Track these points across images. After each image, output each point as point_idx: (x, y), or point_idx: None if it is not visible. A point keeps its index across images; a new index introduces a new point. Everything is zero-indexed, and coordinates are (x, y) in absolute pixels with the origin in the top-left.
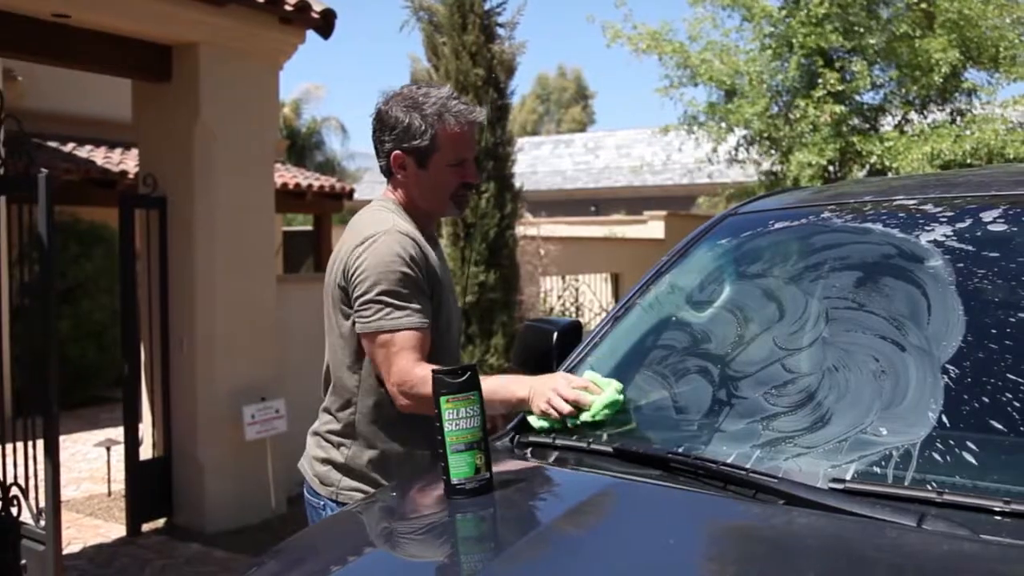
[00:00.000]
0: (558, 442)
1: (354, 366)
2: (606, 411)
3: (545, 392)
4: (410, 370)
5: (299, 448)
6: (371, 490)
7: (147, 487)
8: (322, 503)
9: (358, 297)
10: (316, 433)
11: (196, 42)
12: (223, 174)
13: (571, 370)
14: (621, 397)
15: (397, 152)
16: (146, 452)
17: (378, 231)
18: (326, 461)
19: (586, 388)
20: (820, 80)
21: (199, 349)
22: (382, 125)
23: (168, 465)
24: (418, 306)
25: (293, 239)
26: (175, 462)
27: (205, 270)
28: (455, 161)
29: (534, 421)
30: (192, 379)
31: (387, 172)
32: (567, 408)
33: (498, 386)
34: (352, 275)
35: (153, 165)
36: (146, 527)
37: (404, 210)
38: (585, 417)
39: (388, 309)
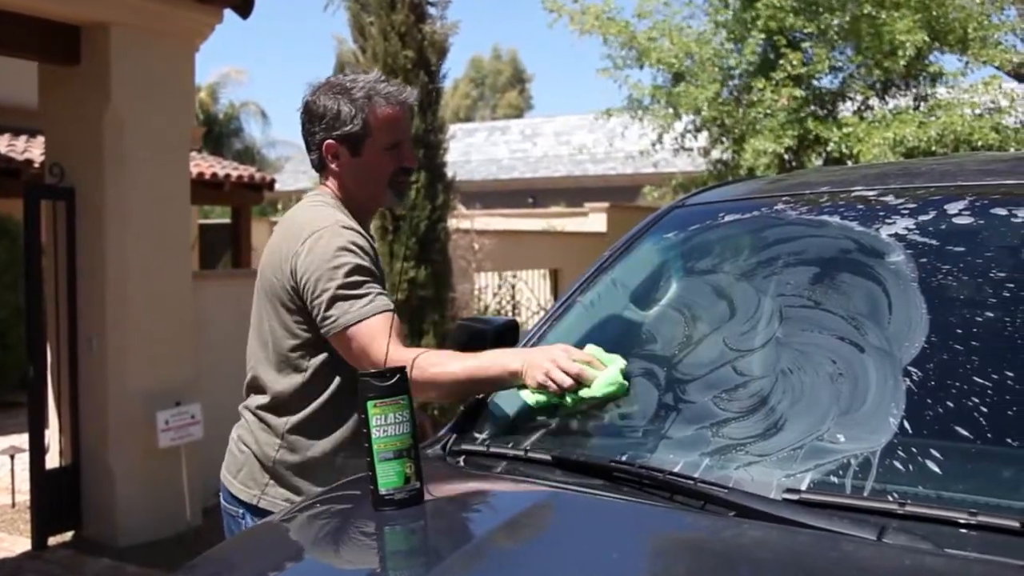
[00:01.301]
0: (493, 450)
1: (285, 368)
2: (610, 389)
3: (542, 363)
4: (397, 356)
5: (216, 456)
6: (296, 497)
7: (54, 498)
8: (240, 512)
9: (316, 298)
10: (240, 436)
11: (106, 22)
12: (135, 163)
13: None
14: (624, 380)
15: (329, 141)
16: (53, 460)
17: (322, 227)
18: (250, 464)
19: (588, 363)
20: (781, 61)
21: (110, 350)
22: (311, 116)
23: (77, 474)
24: (380, 290)
25: (210, 233)
26: (84, 471)
27: (116, 265)
28: (389, 144)
29: (528, 396)
30: (103, 382)
31: (320, 166)
32: (568, 381)
33: (488, 361)
34: (303, 277)
35: (60, 153)
36: (53, 540)
37: (342, 203)
38: (586, 394)
39: (351, 302)
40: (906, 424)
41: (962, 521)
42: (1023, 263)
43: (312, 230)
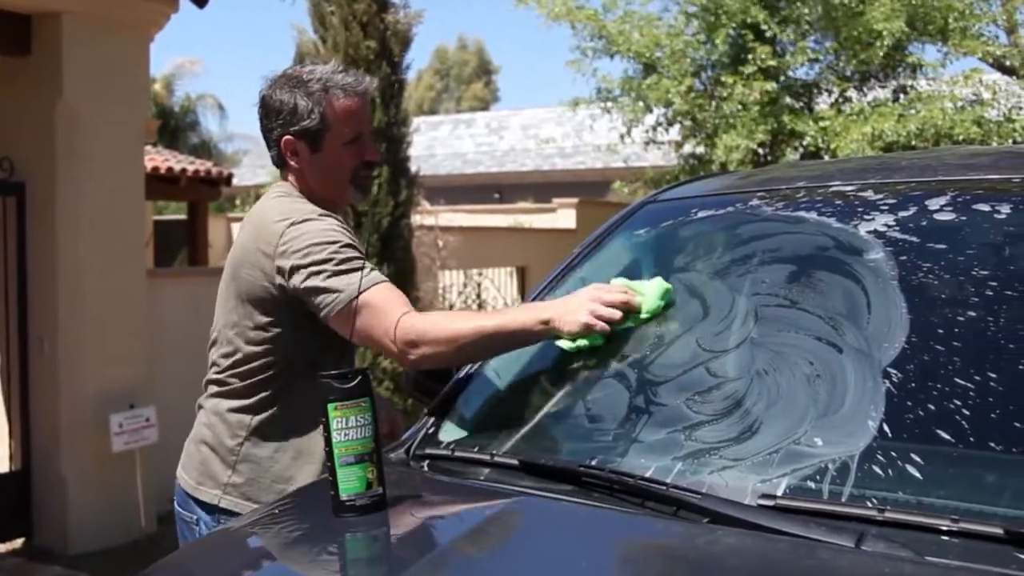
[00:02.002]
0: (458, 454)
1: (249, 367)
2: (661, 302)
3: (582, 306)
4: (410, 321)
5: (171, 460)
6: (257, 498)
7: (2, 504)
8: (195, 517)
9: (309, 281)
10: (200, 435)
11: (58, 11)
12: (88, 157)
13: (467, 381)
14: (670, 286)
15: (287, 137)
16: (2, 465)
17: (302, 216)
18: (209, 462)
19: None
20: (750, 55)
21: (62, 350)
22: (267, 111)
23: (26, 479)
24: (372, 266)
25: (165, 229)
26: (34, 476)
27: (68, 263)
28: (349, 138)
29: (567, 344)
30: (54, 384)
31: (280, 163)
32: (618, 314)
33: (516, 314)
34: (291, 264)
35: (10, 147)
36: (1, 548)
37: (305, 198)
38: (641, 318)
39: (349, 275)
40: (885, 427)
41: (944, 528)
42: (1006, 261)
43: (293, 219)
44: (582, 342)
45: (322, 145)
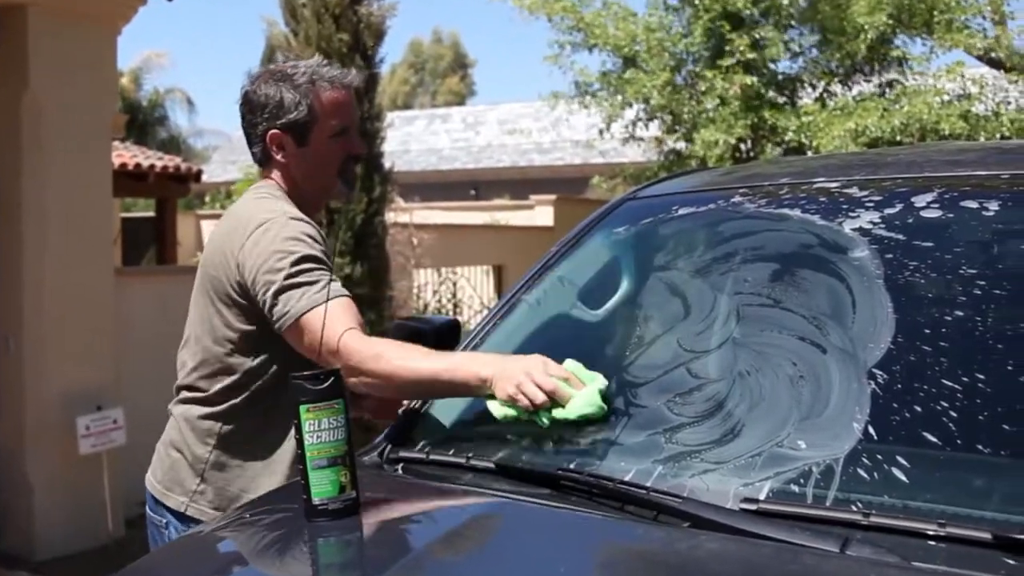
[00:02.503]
0: (433, 457)
1: (221, 370)
2: (587, 411)
3: (515, 375)
4: (354, 344)
5: (140, 463)
6: (223, 509)
7: None
8: (164, 521)
9: (264, 290)
10: (170, 440)
11: (24, 3)
12: (54, 151)
13: None
14: (603, 402)
15: (273, 131)
16: None
17: (268, 218)
18: (178, 468)
19: (566, 380)
20: (728, 47)
21: (27, 349)
22: (252, 107)
23: None
24: (333, 278)
25: (133, 226)
26: None
27: (34, 260)
28: (336, 131)
29: (495, 408)
30: (19, 384)
31: (263, 159)
32: (541, 397)
33: (457, 364)
34: (251, 270)
35: None
36: None
37: (288, 196)
38: (560, 415)
39: (303, 289)
40: (871, 430)
41: (931, 532)
42: (994, 259)
43: (259, 222)
44: (509, 411)
45: (309, 138)
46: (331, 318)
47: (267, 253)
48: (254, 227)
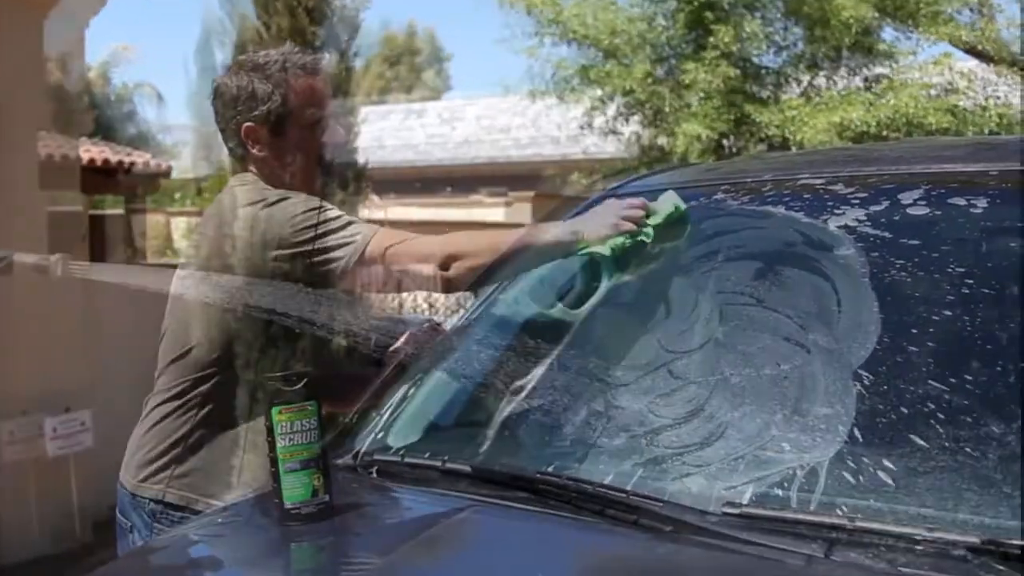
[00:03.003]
0: (409, 460)
1: (202, 363)
2: (672, 209)
3: (605, 215)
4: (428, 246)
5: (107, 466)
6: (203, 492)
7: None
8: (130, 525)
9: (312, 247)
10: (147, 430)
11: None
12: (21, 139)
13: (418, 385)
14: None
15: (247, 124)
16: None
17: (275, 197)
18: (155, 457)
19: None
20: (711, 38)
21: None
22: (224, 100)
23: None
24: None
25: (102, 224)
26: None
27: None
28: (313, 119)
29: (602, 248)
30: None
31: (240, 154)
32: (639, 212)
33: (536, 231)
34: (277, 239)
35: None
36: None
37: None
38: (654, 222)
39: (348, 228)
40: (856, 432)
41: (918, 537)
42: (983, 257)
43: (268, 202)
44: (616, 241)
45: (285, 129)
46: (398, 235)
47: (292, 217)
48: (262, 207)
